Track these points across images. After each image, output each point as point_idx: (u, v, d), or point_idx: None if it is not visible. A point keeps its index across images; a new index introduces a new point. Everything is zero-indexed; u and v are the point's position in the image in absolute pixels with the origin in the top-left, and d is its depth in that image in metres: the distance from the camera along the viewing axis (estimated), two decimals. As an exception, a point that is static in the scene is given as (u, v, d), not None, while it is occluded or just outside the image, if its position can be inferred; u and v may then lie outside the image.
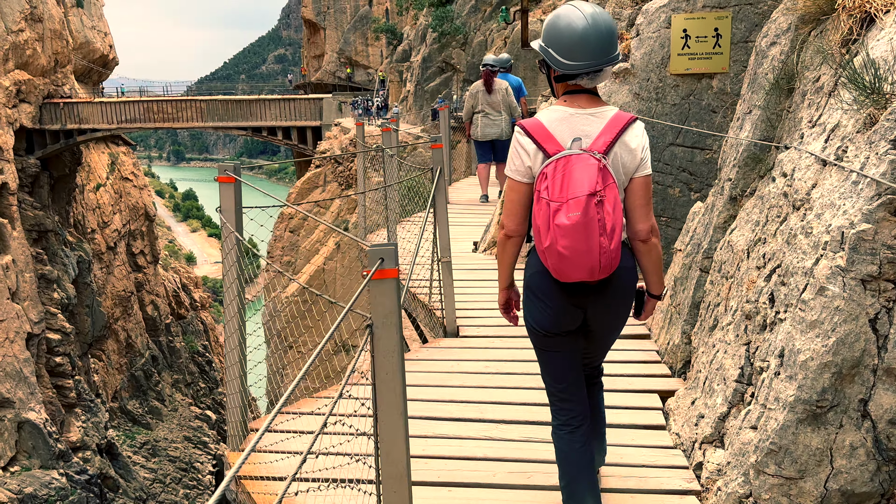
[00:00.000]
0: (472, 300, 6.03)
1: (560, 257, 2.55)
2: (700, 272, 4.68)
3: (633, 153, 2.72)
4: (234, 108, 35.34)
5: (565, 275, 2.61)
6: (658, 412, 4.11)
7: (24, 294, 33.86)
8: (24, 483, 32.45)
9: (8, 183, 33.45)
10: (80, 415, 35.64)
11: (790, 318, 3.12)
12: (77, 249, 36.16)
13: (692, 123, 6.84)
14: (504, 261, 2.90)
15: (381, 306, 2.12)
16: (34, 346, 34.19)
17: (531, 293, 2.82)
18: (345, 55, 42.15)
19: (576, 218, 2.50)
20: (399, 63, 31.72)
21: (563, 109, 2.74)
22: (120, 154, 40.32)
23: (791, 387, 2.95)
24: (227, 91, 53.17)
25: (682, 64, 6.82)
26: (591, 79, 2.72)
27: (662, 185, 6.87)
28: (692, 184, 6.85)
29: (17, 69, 34.29)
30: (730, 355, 3.74)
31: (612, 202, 2.56)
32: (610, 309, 2.84)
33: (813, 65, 3.93)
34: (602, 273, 2.59)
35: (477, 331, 5.43)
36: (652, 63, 6.91)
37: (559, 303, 2.76)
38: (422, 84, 27.81)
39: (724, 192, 4.61)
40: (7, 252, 33.59)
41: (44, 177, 35.23)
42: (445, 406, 4.09)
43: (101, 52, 39.78)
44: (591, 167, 2.56)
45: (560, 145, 2.66)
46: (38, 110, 34.72)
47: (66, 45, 36.00)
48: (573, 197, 2.52)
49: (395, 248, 2.21)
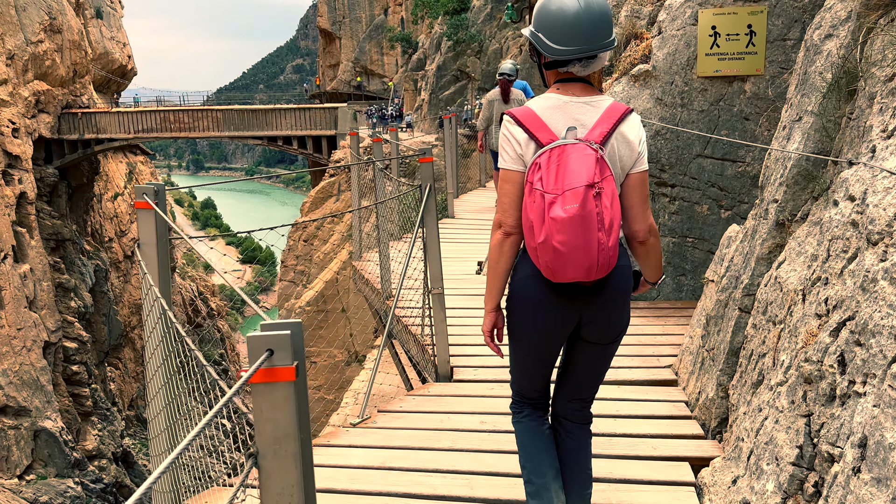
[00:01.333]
0: (472, 333, 5.22)
1: (556, 254, 2.32)
2: (739, 312, 3.84)
3: (630, 146, 2.50)
4: (249, 118, 34.87)
5: (560, 274, 2.37)
6: (690, 492, 3.27)
7: (42, 303, 33.58)
8: (39, 492, 32.08)
9: (27, 192, 33.22)
10: (97, 423, 35.26)
11: (873, 394, 2.29)
12: (94, 258, 35.84)
13: (722, 132, 5.99)
14: (501, 267, 2.54)
15: (268, 429, 1.36)
16: (51, 355, 33.88)
17: (521, 300, 2.54)
18: (360, 64, 41.58)
19: (573, 210, 2.29)
20: (414, 72, 31.04)
21: (556, 97, 2.52)
22: (138, 164, 40.01)
23: (881, 496, 2.12)
24: (245, 100, 52.90)
25: (711, 65, 5.98)
26: (584, 66, 2.50)
27: (689, 202, 6.02)
28: (722, 200, 6.00)
29: (36, 80, 34.11)
30: (783, 427, 2.90)
31: (610, 196, 2.35)
32: (608, 311, 2.54)
33: (884, 60, 3.09)
34: (599, 272, 2.36)
35: (475, 373, 4.62)
36: (676, 64, 6.08)
37: (553, 306, 2.50)
38: (436, 92, 27.09)
39: (768, 215, 3.77)
40: (25, 261, 33.34)
41: (62, 186, 34.98)
42: (427, 479, 3.28)
43: (119, 62, 39.54)
44: (588, 157, 2.35)
45: (554, 134, 2.45)
46: (56, 120, 34.51)
47: (85, 55, 35.78)
48: (570, 188, 2.31)
49: (298, 330, 1.44)
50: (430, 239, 4.44)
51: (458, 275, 6.91)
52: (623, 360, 4.79)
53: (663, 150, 6.08)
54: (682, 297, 6.13)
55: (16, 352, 31.76)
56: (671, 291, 6.13)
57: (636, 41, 6.62)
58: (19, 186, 32.80)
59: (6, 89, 32.92)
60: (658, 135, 6.08)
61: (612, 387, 4.40)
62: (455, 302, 5.70)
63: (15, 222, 32.69)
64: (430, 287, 4.51)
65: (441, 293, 4.50)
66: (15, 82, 33.31)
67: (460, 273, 7.00)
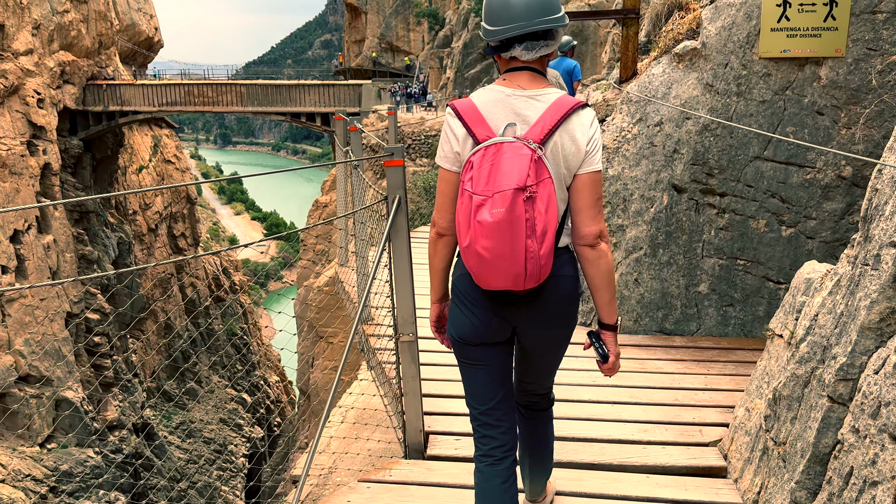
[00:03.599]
0: (457, 382, 4.03)
1: (480, 260, 2.14)
2: (830, 402, 2.59)
3: (577, 144, 2.21)
4: (273, 93, 33.81)
5: (485, 281, 2.18)
6: None
7: (65, 274, 33.16)
8: (60, 460, 31.96)
9: (51, 163, 32.65)
10: (118, 394, 34.98)
11: None
12: (118, 231, 35.29)
13: (788, 130, 4.67)
14: (434, 265, 2.45)
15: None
16: (73, 326, 33.54)
17: (456, 298, 2.38)
18: (385, 40, 40.06)
19: (500, 215, 2.09)
20: (440, 49, 29.59)
21: (499, 89, 2.28)
22: (163, 137, 39.21)
23: None
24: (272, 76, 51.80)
25: (778, 43, 4.65)
26: (526, 49, 2.23)
27: (741, 215, 4.73)
28: (784, 214, 4.70)
29: (61, 50, 33.37)
30: None
31: (546, 200, 2.12)
32: (544, 324, 2.32)
33: None
34: (529, 282, 2.15)
35: (456, 445, 3.44)
36: (733, 42, 4.76)
37: (484, 311, 2.32)
38: (462, 71, 25.70)
39: (880, 264, 2.50)
40: (49, 232, 32.91)
41: (86, 158, 34.35)
42: None
43: (146, 34, 38.58)
44: (522, 158, 2.12)
45: (492, 131, 2.23)
46: (81, 91, 33.77)
47: (111, 26, 34.89)
48: (499, 191, 2.10)
49: None
50: (398, 270, 3.24)
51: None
52: (654, 430, 3.57)
53: (712, 149, 4.78)
54: (729, 332, 4.87)
55: (38, 322, 31.42)
56: (715, 325, 4.87)
57: (680, 12, 5.29)
58: (44, 157, 32.21)
59: (32, 59, 32.21)
60: (706, 130, 4.78)
61: (639, 477, 3.20)
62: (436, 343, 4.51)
63: (39, 193, 32.18)
64: (398, 331, 3.32)
65: (413, 341, 3.31)
66: (41, 52, 32.58)
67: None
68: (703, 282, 4.85)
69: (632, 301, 4.92)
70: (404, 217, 3.20)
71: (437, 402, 3.89)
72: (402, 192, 3.17)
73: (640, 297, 4.91)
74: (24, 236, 31.30)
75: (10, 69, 31.46)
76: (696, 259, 4.85)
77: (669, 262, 4.87)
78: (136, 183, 36.89)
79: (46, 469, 30.72)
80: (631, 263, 4.92)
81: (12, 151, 31.23)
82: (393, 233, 3.20)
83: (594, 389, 4.05)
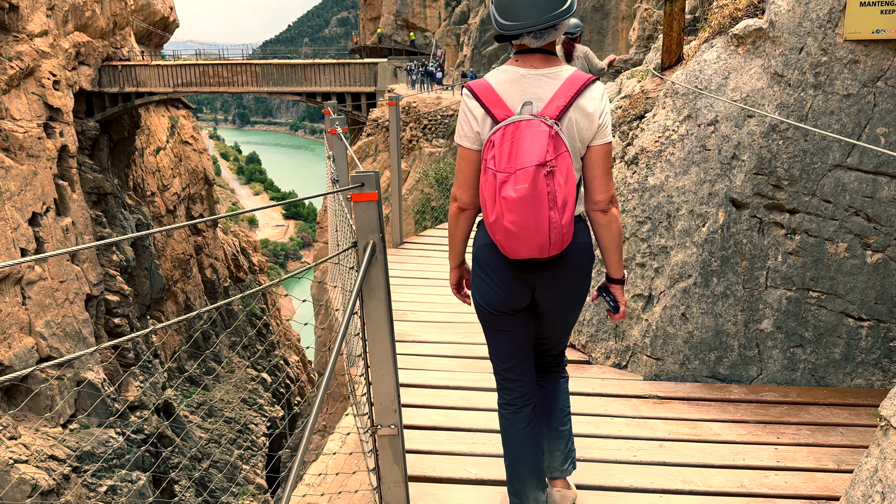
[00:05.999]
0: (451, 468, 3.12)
1: (507, 233, 2.23)
2: None
3: (590, 118, 2.32)
4: (288, 73, 32.82)
5: (513, 251, 2.28)
6: None
7: (84, 256, 32.76)
8: (82, 441, 31.84)
9: (68, 145, 32.07)
10: (138, 375, 34.73)
11: None
12: (136, 212, 34.77)
13: (879, 131, 3.67)
14: (457, 237, 2.50)
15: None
16: (93, 308, 33.24)
17: (478, 267, 2.47)
18: (401, 17, 38.67)
19: (523, 191, 2.18)
20: (456, 25, 28.33)
21: (513, 70, 2.36)
22: (180, 118, 38.44)
23: None
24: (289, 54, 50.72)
25: (869, 22, 3.63)
26: (535, 38, 2.32)
27: (816, 237, 3.74)
28: (870, 236, 3.71)
29: (76, 31, 32.57)
30: None
31: (565, 173, 2.22)
32: (562, 287, 2.43)
33: None
34: (553, 250, 2.26)
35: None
36: (810, 20, 3.74)
37: (507, 279, 2.41)
38: (479, 48, 24.51)
39: None
40: (67, 214, 32.45)
41: (103, 139, 33.71)
42: None
43: (161, 14, 37.64)
44: (541, 134, 2.21)
45: (509, 110, 2.31)
46: (97, 73, 33.00)
47: (126, 6, 33.99)
48: (521, 167, 2.19)
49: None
50: (375, 343, 2.32)
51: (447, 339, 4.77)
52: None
53: (780, 155, 3.78)
54: (797, 379, 3.91)
55: (58, 304, 31.09)
56: (780, 370, 3.92)
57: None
58: (60, 139, 31.61)
59: (46, 41, 31.47)
60: (774, 131, 3.78)
61: None
62: (427, 417, 3.59)
63: (57, 175, 31.63)
64: (375, 423, 2.41)
65: (397, 434, 2.41)
66: (55, 34, 31.82)
67: (458, 322, 4.87)
68: (767, 317, 3.89)
69: (678, 340, 3.97)
70: (381, 270, 2.27)
71: (428, 489, 3.00)
72: (377, 235, 2.24)
73: (689, 335, 3.96)
74: (42, 219, 30.86)
75: (26, 51, 30.76)
76: (759, 290, 3.88)
77: (725, 293, 3.91)
78: (154, 164, 36.26)
79: (69, 449, 30.60)
80: (677, 294, 3.96)
81: (29, 134, 30.65)
82: (366, 291, 2.28)
83: (636, 470, 3.13)
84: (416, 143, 27.25)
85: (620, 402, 3.70)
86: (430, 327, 4.72)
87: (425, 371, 3.94)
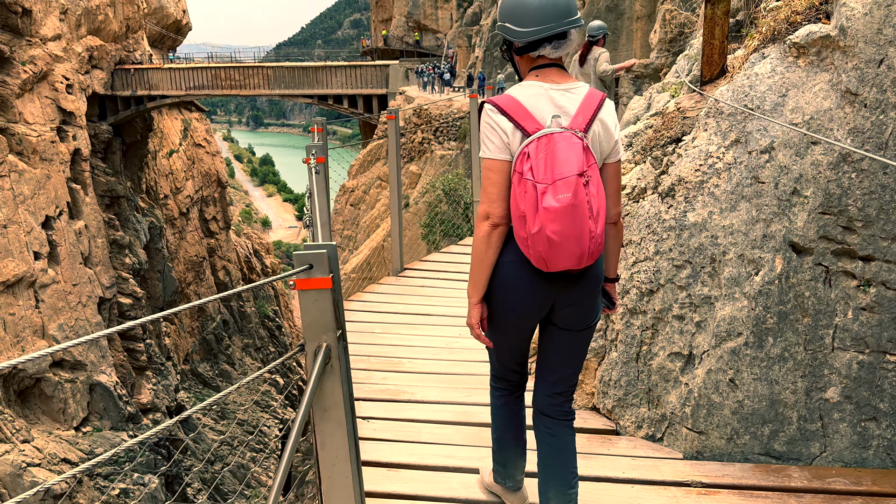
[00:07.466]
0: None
1: (550, 244, 2.20)
2: None
3: (609, 133, 2.37)
4: (300, 76, 32.27)
5: (552, 263, 2.24)
6: None
7: (97, 259, 32.42)
8: (95, 443, 31.55)
9: (81, 149, 31.72)
10: (151, 377, 34.38)
11: None
12: (149, 215, 34.38)
13: (979, 162, 2.91)
14: (489, 259, 2.35)
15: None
16: (106, 311, 32.91)
17: (502, 283, 2.36)
18: (413, 19, 37.92)
19: (566, 200, 2.17)
20: (468, 27, 27.61)
21: (537, 85, 2.36)
22: (193, 120, 38.01)
23: None
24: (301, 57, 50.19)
25: (969, 29, 2.89)
26: (555, 47, 2.35)
27: (895, 290, 3.02)
28: (965, 290, 2.96)
29: (89, 35, 32.21)
30: None
31: (596, 184, 2.24)
32: (582, 301, 2.41)
33: None
34: (589, 260, 2.26)
35: None
36: (892, 27, 3.02)
37: (532, 290, 2.35)
38: (491, 49, 23.79)
39: None
40: (80, 217, 32.11)
41: (116, 143, 33.35)
42: None
43: (174, 17, 37.21)
44: (575, 146, 2.23)
45: (539, 123, 2.29)
46: (109, 76, 32.64)
47: (138, 10, 33.58)
48: (561, 178, 2.18)
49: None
50: (331, 479, 1.65)
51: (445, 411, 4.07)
52: None
53: (852, 191, 3.07)
54: (869, 459, 3.20)
55: (71, 307, 30.75)
56: (848, 447, 3.21)
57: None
58: (73, 143, 31.25)
59: (60, 45, 31.11)
60: (845, 162, 3.07)
61: None
62: None
63: (70, 179, 31.28)
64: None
65: None
66: (68, 37, 31.46)
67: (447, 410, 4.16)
68: (833, 385, 3.18)
69: (724, 411, 3.27)
70: (339, 382, 1.60)
71: None
72: (332, 335, 1.57)
73: (738, 405, 3.26)
74: (55, 222, 30.51)
75: (39, 55, 30.41)
76: (824, 352, 3.18)
77: (783, 355, 3.21)
78: (167, 167, 35.87)
79: (82, 452, 30.27)
80: (724, 356, 3.26)
81: (42, 137, 30.32)
82: (318, 412, 1.61)
83: None
84: (427, 146, 26.57)
85: (657, 492, 3.01)
86: (430, 381, 4.04)
87: (420, 446, 3.27)
